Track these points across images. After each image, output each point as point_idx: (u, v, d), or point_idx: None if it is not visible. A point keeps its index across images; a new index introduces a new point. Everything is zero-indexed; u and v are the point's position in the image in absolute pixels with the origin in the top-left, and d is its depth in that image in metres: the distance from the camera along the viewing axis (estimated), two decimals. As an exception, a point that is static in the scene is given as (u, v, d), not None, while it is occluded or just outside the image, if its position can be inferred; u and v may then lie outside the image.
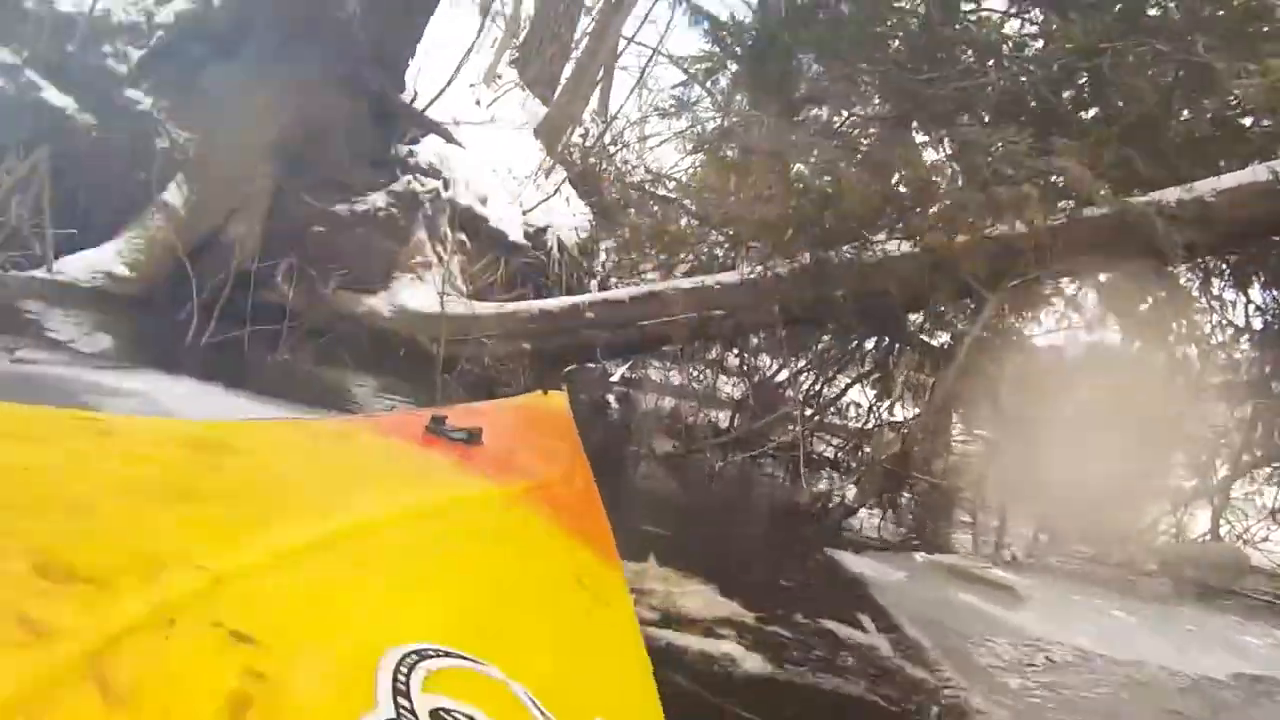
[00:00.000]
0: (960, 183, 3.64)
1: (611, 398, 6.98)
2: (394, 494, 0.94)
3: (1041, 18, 4.90)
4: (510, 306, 5.89)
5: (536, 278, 7.72)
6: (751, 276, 4.50)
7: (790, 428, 3.94)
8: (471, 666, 0.65)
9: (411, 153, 6.75)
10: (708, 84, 9.25)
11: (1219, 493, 4.23)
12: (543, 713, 0.66)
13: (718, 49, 8.00)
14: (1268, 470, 4.47)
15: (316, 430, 1.27)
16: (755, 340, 5.23)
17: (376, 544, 0.77)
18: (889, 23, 4.90)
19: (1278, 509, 4.38)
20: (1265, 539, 4.32)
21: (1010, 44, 4.73)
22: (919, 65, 4.51)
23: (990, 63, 4.52)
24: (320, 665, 0.55)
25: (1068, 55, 4.29)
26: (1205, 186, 3.77)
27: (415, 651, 0.60)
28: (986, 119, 4.42)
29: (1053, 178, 3.66)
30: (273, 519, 0.71)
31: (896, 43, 4.87)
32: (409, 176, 6.51)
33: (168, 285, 5.31)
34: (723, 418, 5.21)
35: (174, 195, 5.67)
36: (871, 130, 4.51)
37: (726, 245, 5.47)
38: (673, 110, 10.56)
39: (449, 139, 7.29)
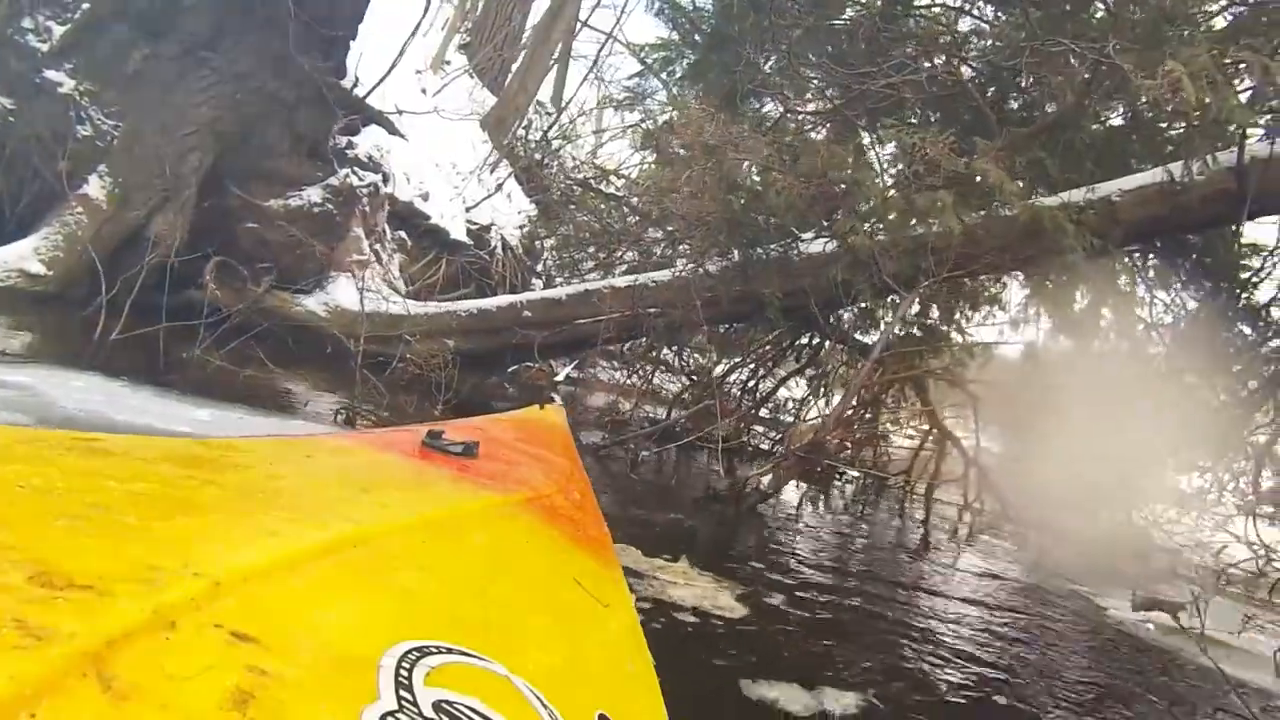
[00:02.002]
0: (883, 184, 3.67)
1: (556, 396, 6.95)
2: (393, 504, 0.96)
3: (991, 14, 4.98)
4: (447, 305, 5.81)
5: (480, 277, 7.63)
6: (683, 274, 4.50)
7: (719, 420, 3.95)
8: (474, 662, 0.66)
9: (350, 144, 6.59)
10: (663, 74, 9.18)
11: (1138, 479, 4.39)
12: (546, 707, 0.67)
13: (675, 36, 7.98)
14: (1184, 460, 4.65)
15: (314, 446, 1.27)
16: (700, 336, 5.26)
17: (377, 550, 0.78)
18: (844, 14, 4.92)
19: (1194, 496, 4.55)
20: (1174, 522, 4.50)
21: (948, 39, 4.80)
22: (858, 58, 4.56)
23: (933, 60, 4.58)
24: (322, 660, 0.55)
25: (995, 53, 4.37)
26: (1111, 187, 3.88)
27: (418, 648, 0.61)
28: (914, 117, 4.48)
29: (974, 179, 3.72)
30: (272, 529, 0.72)
31: (844, 35, 4.90)
32: (347, 170, 6.37)
33: (86, 280, 5.11)
34: (660, 412, 5.22)
35: (96, 187, 5.46)
36: (807, 126, 4.53)
37: (664, 243, 5.47)
38: (626, 103, 10.48)
39: (391, 130, 7.15)
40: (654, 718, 0.90)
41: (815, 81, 4.98)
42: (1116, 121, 4.09)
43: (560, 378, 7.38)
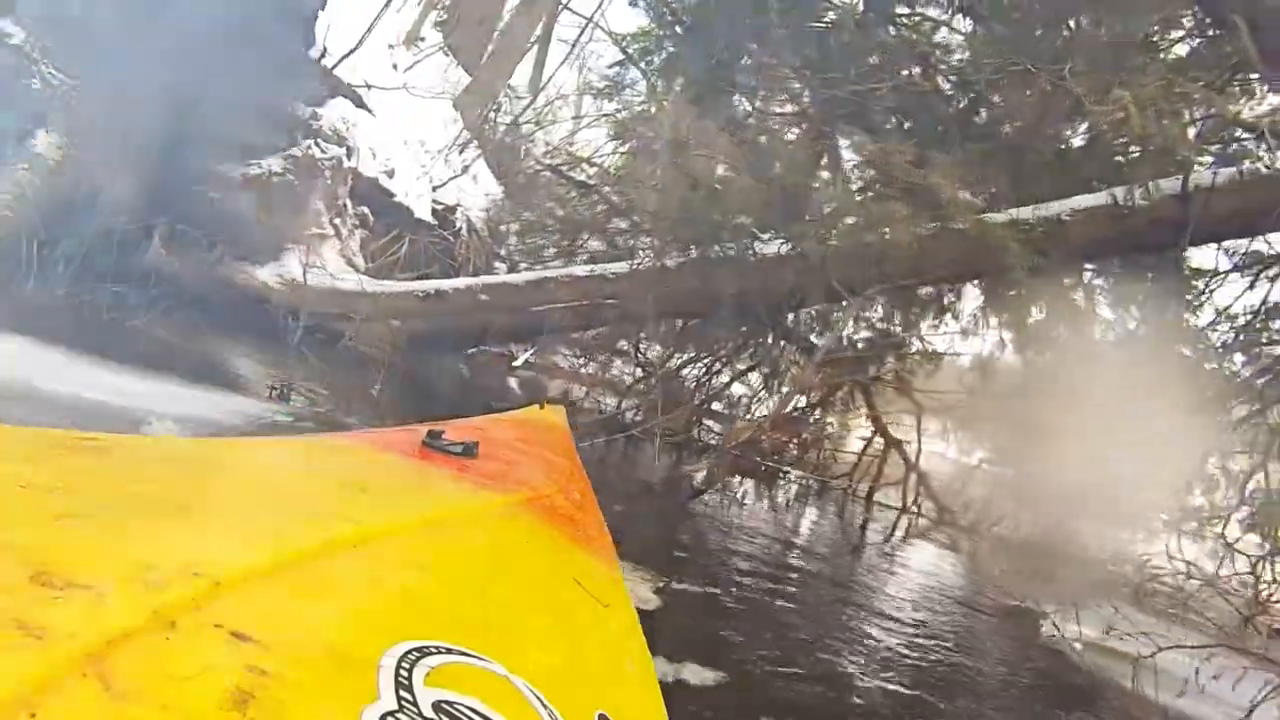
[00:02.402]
0: (839, 191, 3.71)
1: (514, 381, 6.92)
2: (392, 504, 0.96)
3: (968, 28, 5.02)
4: (404, 285, 5.75)
5: (443, 258, 7.54)
6: (641, 267, 4.51)
7: (659, 412, 3.98)
8: (474, 662, 0.66)
9: (315, 115, 6.46)
10: (643, 64, 9.12)
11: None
12: (546, 707, 0.67)
13: (656, 26, 7.91)
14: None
15: (314, 446, 1.27)
16: (655, 330, 5.27)
17: (376, 550, 0.78)
18: (824, 19, 4.91)
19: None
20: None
21: (921, 49, 4.83)
22: (831, 63, 4.57)
23: (904, 71, 4.61)
24: (322, 660, 0.55)
25: (966, 68, 4.42)
26: (1062, 206, 3.97)
27: (418, 648, 0.61)
28: (884, 126, 4.52)
29: (930, 191, 3.77)
30: (272, 529, 0.72)
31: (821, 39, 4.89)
32: (310, 141, 6.24)
33: (32, 241, 4.95)
34: (613, 402, 5.22)
35: (45, 144, 5.29)
36: (777, 128, 4.55)
37: (628, 234, 5.46)
38: (605, 91, 10.40)
39: (359, 103, 7.02)
40: (654, 718, 0.91)
41: (788, 83, 4.98)
42: (1078, 142, 4.16)
43: (519, 363, 7.34)
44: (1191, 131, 4.27)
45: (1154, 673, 2.81)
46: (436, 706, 0.56)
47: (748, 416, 4.52)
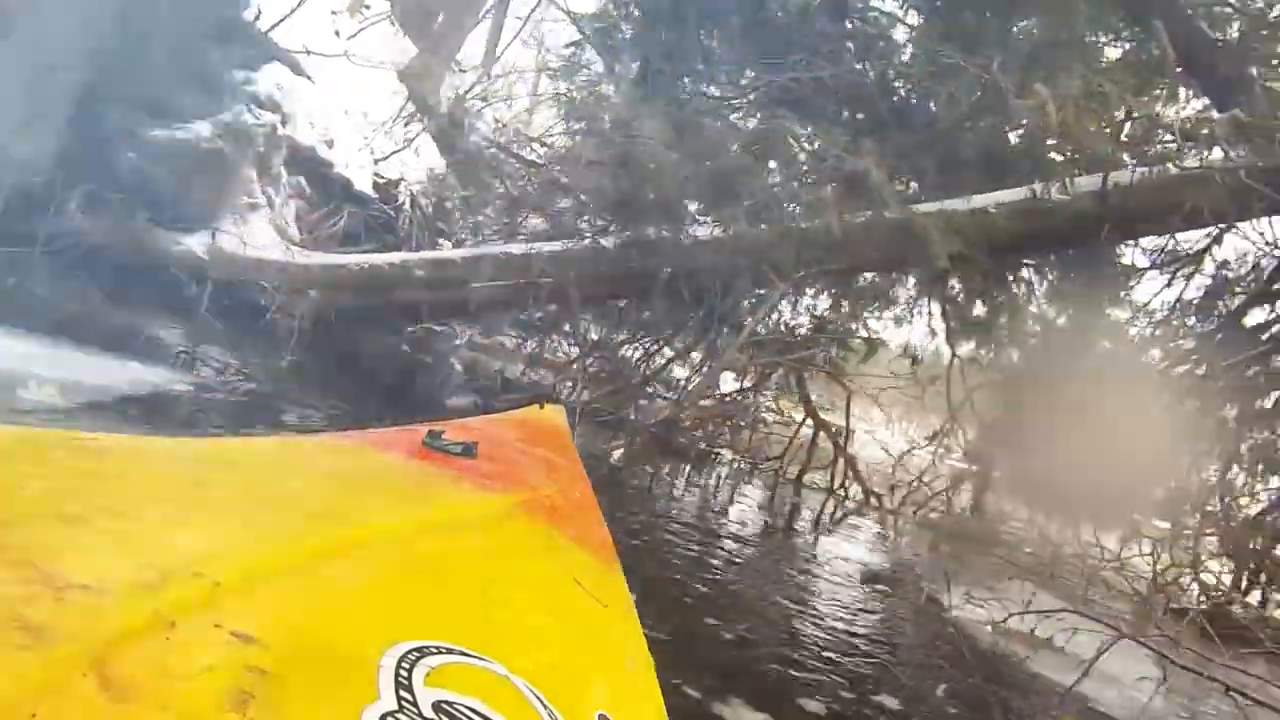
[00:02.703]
0: (772, 175, 3.73)
1: (457, 361, 6.82)
2: (393, 505, 0.96)
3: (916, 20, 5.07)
4: (338, 258, 5.60)
5: (384, 233, 7.36)
6: (578, 247, 4.47)
7: (579, 390, 3.98)
8: (474, 662, 0.66)
9: (249, 80, 6.22)
10: (601, 45, 9.00)
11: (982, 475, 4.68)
12: (546, 707, 0.67)
13: (613, 6, 7.80)
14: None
15: (314, 446, 1.28)
16: (602, 308, 5.24)
17: (377, 551, 0.78)
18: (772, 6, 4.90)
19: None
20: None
21: (863, 42, 4.88)
22: (775, 49, 4.58)
23: (857, 62, 4.64)
24: (322, 661, 0.56)
25: (910, 62, 4.48)
26: (990, 199, 4.06)
27: (417, 648, 0.61)
28: (824, 115, 4.55)
29: (859, 179, 3.81)
30: (272, 529, 0.72)
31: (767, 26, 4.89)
32: (242, 106, 6.01)
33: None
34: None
35: (-50, 98, 4.98)
36: (713, 110, 4.54)
37: (570, 214, 5.41)
38: (560, 72, 10.25)
39: (296, 70, 6.78)
40: (654, 718, 0.91)
41: (731, 68, 4.98)
42: (996, 136, 4.25)
43: (461, 342, 7.24)
44: (1119, 132, 4.42)
45: (1062, 654, 2.91)
46: (436, 706, 0.57)
47: (691, 397, 4.53)
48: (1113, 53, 5.08)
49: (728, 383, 5.39)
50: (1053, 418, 5.74)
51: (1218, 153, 3.89)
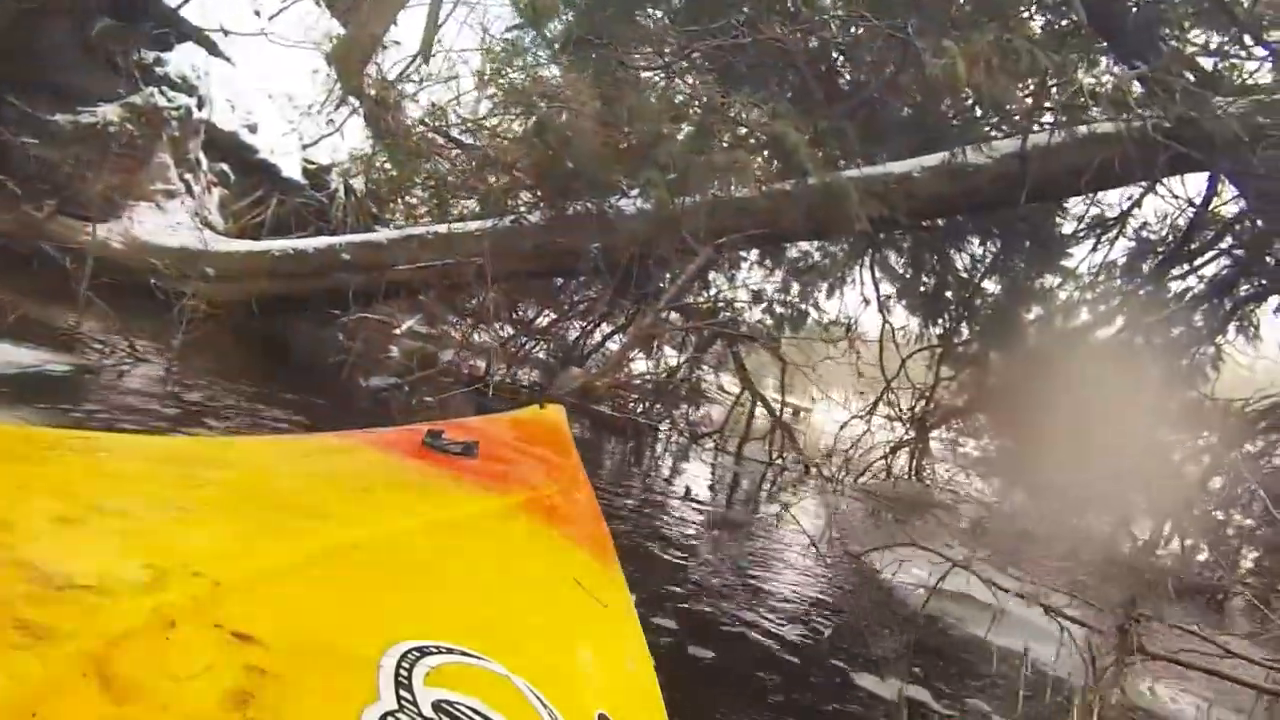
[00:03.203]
0: (695, 143, 3.67)
1: (395, 348, 6.66)
2: (392, 504, 0.95)
3: None
4: (260, 245, 5.40)
5: (316, 220, 7.12)
6: (505, 225, 4.37)
7: (490, 366, 3.92)
8: (474, 662, 0.66)
9: (159, 60, 5.93)
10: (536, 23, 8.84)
11: (920, 441, 4.73)
12: (546, 707, 0.67)
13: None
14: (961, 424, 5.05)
15: (313, 446, 1.27)
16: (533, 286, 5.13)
17: (376, 550, 0.77)
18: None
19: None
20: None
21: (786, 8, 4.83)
22: (700, 16, 4.51)
23: (768, 28, 4.59)
24: (322, 661, 0.56)
25: (819, 26, 4.45)
26: (913, 163, 4.07)
27: (417, 648, 0.62)
28: (747, 84, 4.50)
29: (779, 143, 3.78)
30: (272, 529, 0.72)
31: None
32: (152, 89, 5.73)
33: None
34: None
35: None
36: (636, 78, 4.46)
37: (501, 192, 5.29)
38: (498, 56, 10.06)
39: (212, 50, 6.49)
40: (654, 718, 0.91)
41: (656, 36, 4.90)
42: (919, 100, 4.26)
43: (401, 330, 7.08)
44: (1038, 95, 4.47)
45: (997, 615, 2.95)
46: (436, 706, 0.57)
47: (624, 370, 4.48)
48: (1036, 23, 5.15)
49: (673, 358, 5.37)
50: (994, 383, 5.87)
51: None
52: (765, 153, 3.88)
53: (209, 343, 4.04)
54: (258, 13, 7.45)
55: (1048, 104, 4.37)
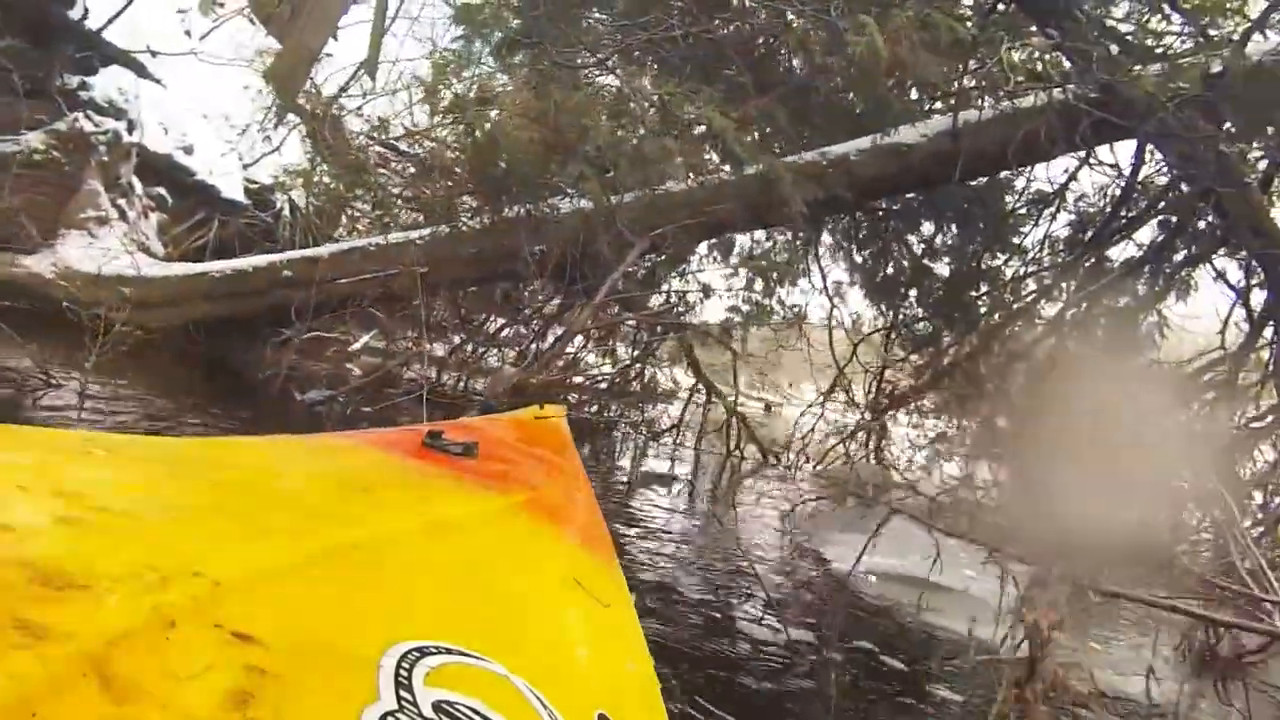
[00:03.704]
0: (628, 137, 3.65)
1: (353, 365, 6.54)
2: (393, 504, 0.95)
3: None
4: (197, 267, 5.27)
5: (263, 241, 6.97)
6: (445, 233, 4.31)
7: (424, 368, 3.86)
8: (474, 662, 0.66)
9: (84, 85, 5.78)
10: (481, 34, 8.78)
11: (877, 424, 4.75)
12: (546, 707, 0.67)
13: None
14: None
15: (314, 446, 1.27)
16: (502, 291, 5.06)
17: (377, 550, 0.77)
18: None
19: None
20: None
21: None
22: (637, 12, 4.48)
23: (696, 19, 4.58)
24: (322, 661, 0.55)
25: (749, 14, 4.45)
26: (850, 146, 4.08)
27: (417, 648, 0.62)
28: (680, 76, 4.49)
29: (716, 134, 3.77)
30: (272, 529, 0.72)
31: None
32: (78, 114, 5.57)
33: None
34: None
35: None
36: (567, 75, 4.42)
37: (444, 199, 5.22)
38: (450, 67, 9.99)
39: (141, 72, 6.34)
40: (654, 718, 0.91)
41: (588, 31, 4.87)
42: (848, 84, 4.28)
43: (358, 346, 6.96)
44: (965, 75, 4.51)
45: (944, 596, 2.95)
46: (436, 706, 0.57)
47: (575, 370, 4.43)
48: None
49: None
50: (947, 364, 5.92)
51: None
52: (707, 145, 3.87)
53: (144, 367, 3.92)
54: (188, 33, 7.30)
55: (972, 80, 4.42)
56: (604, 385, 4.53)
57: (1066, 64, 3.72)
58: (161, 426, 2.94)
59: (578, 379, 4.58)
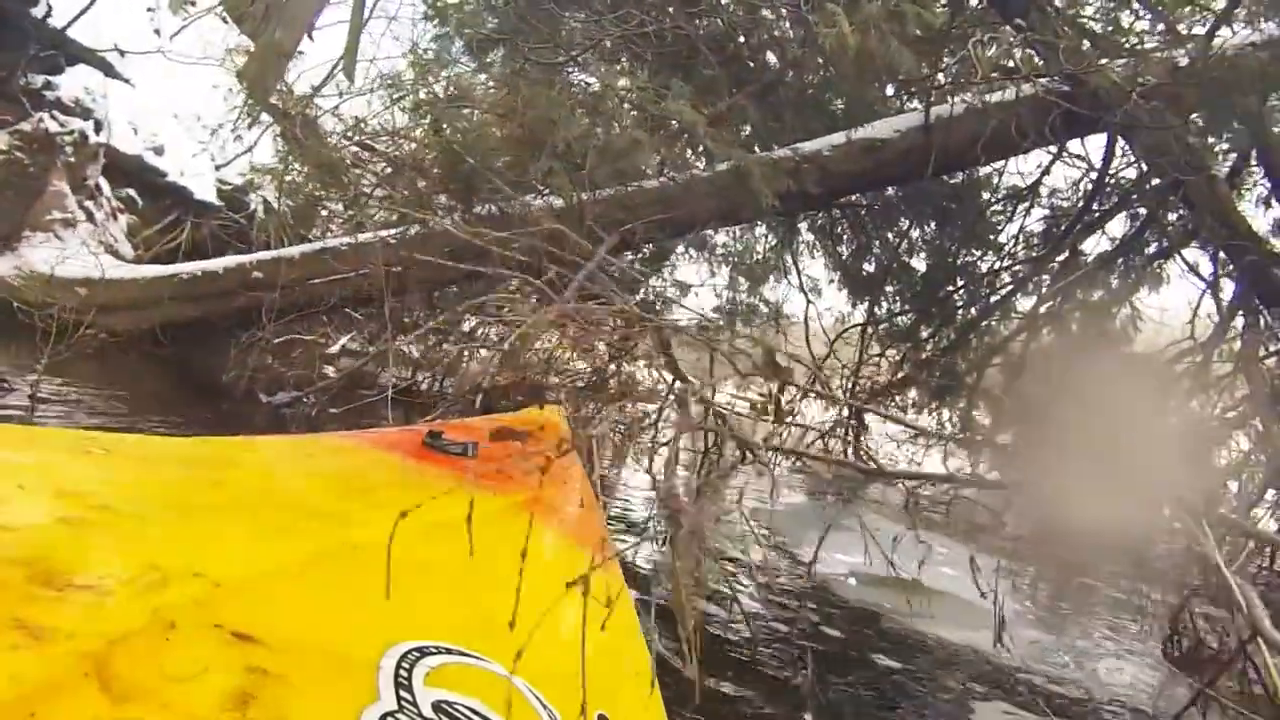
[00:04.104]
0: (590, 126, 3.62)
1: (331, 369, 6.45)
2: (393, 504, 0.94)
3: None
4: (166, 269, 5.18)
5: (236, 243, 6.87)
6: (416, 230, 4.25)
7: (390, 369, 3.83)
8: (473, 662, 0.67)
9: (50, 84, 5.67)
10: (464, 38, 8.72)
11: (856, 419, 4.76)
12: (545, 707, 0.69)
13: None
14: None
15: (314, 446, 1.26)
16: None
17: (377, 551, 0.77)
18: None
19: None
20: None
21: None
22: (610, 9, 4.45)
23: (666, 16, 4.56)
24: (323, 661, 0.55)
25: (722, 10, 4.44)
26: (823, 143, 4.08)
27: (417, 649, 0.62)
28: (649, 71, 4.47)
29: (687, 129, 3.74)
30: (272, 529, 0.71)
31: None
32: (42, 114, 5.46)
33: None
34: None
35: None
36: (538, 72, 4.39)
37: (415, 201, 5.16)
38: (429, 66, 9.90)
39: (109, 72, 6.24)
40: (654, 718, 0.92)
41: (566, 30, 4.84)
42: (821, 78, 4.28)
43: (336, 349, 6.87)
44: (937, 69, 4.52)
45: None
46: (436, 707, 0.57)
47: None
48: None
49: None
50: (925, 358, 5.94)
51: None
52: (680, 142, 3.85)
53: (108, 369, 3.85)
54: (158, 31, 7.19)
55: (944, 75, 4.42)
56: (580, 384, 4.50)
57: (1037, 59, 3.72)
58: (118, 428, 2.87)
59: (554, 379, 4.54)
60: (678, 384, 4.90)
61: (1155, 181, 4.14)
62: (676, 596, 1.29)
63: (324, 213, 6.14)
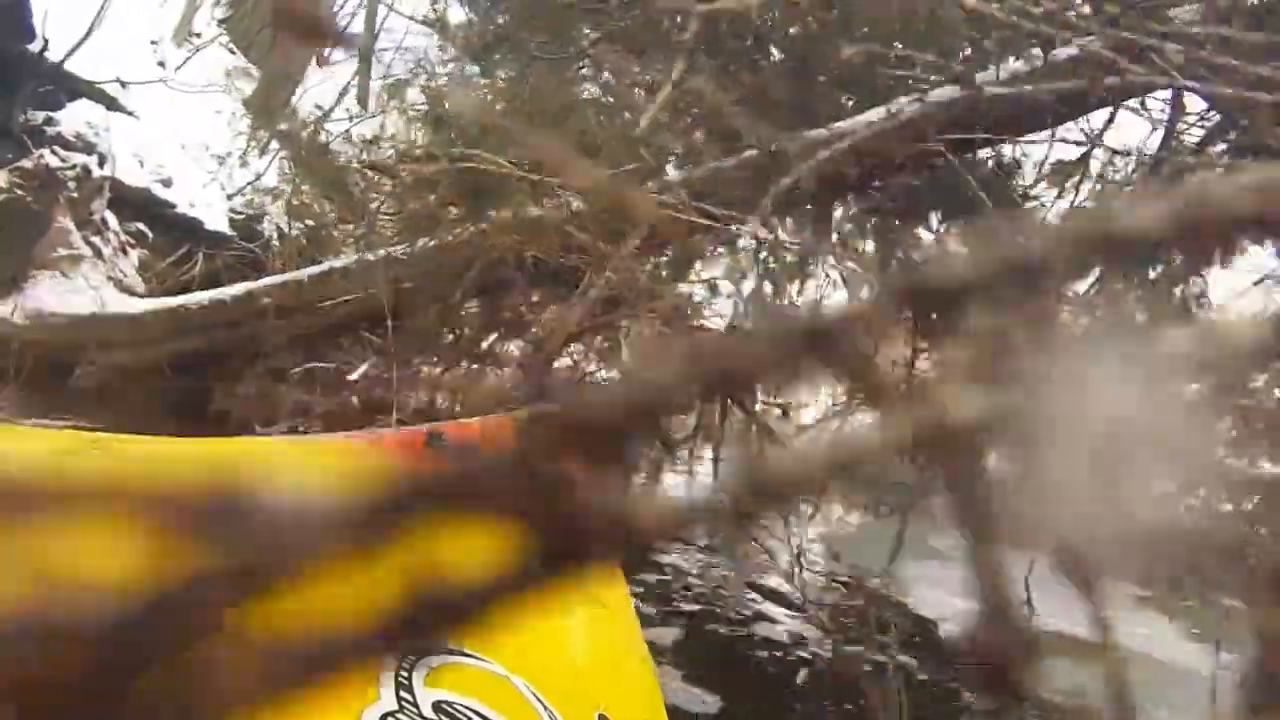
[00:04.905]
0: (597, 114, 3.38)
1: (354, 398, 6.27)
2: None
3: None
4: (174, 301, 5.01)
5: (251, 271, 6.72)
6: (428, 244, 4.03)
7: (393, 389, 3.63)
8: (474, 663, 0.70)
9: (50, 120, 5.58)
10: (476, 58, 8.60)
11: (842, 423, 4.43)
12: (546, 707, 0.72)
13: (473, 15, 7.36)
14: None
15: (316, 448, 1.27)
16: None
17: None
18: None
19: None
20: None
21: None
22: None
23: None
24: None
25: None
26: (854, 122, 3.76)
27: (418, 649, 0.60)
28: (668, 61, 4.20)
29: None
30: None
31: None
32: (43, 150, 5.35)
33: None
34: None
35: None
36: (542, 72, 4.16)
37: (426, 213, 4.94)
38: (443, 88, 9.79)
39: (111, 105, 6.15)
40: (654, 718, 0.92)
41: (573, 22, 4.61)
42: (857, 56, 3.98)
43: (356, 376, 6.68)
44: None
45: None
46: (436, 707, 0.61)
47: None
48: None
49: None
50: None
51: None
52: (702, 130, 3.59)
53: (106, 405, 3.68)
54: (162, 64, 7.11)
55: (989, 41, 4.10)
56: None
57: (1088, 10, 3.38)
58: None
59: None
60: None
61: (1231, 137, 3.76)
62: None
63: (337, 234, 5.96)
